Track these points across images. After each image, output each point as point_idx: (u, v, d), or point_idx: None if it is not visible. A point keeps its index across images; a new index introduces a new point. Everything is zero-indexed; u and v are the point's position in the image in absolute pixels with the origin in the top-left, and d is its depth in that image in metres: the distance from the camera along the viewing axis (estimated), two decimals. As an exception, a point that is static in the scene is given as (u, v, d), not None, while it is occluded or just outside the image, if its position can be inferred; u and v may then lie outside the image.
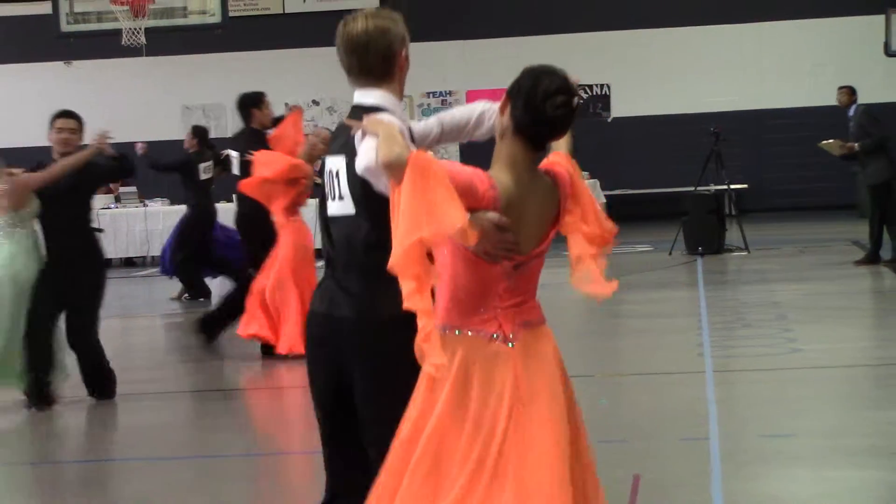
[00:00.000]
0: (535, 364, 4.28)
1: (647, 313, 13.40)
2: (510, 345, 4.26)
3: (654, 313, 13.37)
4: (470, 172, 4.17)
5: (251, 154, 11.35)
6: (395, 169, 4.04)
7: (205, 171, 16.34)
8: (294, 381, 10.49)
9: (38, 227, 9.84)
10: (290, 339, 11.24)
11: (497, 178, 4.22)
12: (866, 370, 10.19)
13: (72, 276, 9.59)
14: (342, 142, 4.54)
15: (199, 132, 17.00)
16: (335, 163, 4.53)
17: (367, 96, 4.55)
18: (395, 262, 4.01)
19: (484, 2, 27.10)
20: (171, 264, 16.74)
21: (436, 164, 4.05)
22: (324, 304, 4.57)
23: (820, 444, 7.51)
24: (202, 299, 16.33)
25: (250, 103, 11.99)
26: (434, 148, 4.78)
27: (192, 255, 16.19)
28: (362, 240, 4.45)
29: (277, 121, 12.20)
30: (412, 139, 4.48)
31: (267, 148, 11.50)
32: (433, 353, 4.04)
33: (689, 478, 6.63)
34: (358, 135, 4.39)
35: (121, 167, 10.15)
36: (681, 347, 11.06)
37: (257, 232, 11.81)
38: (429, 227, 3.97)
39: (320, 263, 5.10)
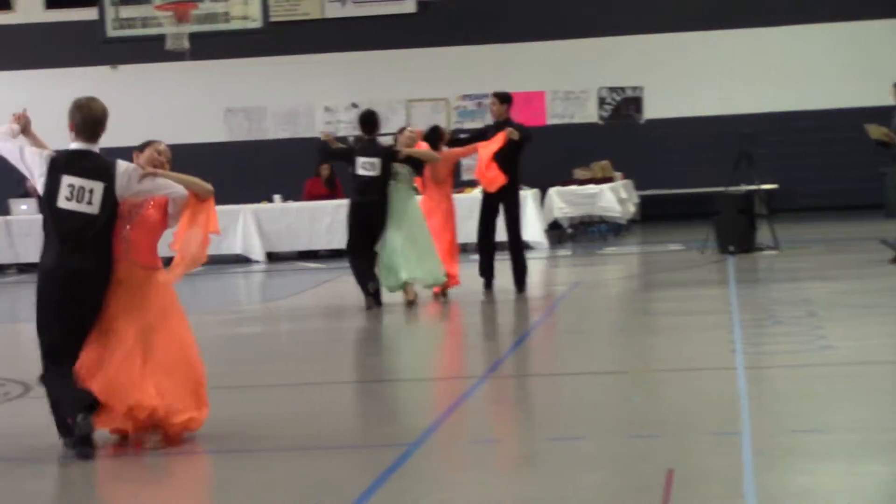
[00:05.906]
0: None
1: (680, 311, 13.51)
2: None
3: (686, 311, 13.46)
4: None
5: None
6: None
7: None
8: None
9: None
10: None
11: None
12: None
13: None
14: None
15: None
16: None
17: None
18: None
19: (518, 6, 27.11)
20: None
21: None
22: None
23: (851, 439, 7.48)
24: None
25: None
26: None
27: None
28: None
29: None
30: None
31: None
32: None
33: (722, 472, 6.63)
34: None
35: None
36: (712, 344, 11.03)
37: None
38: None
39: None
